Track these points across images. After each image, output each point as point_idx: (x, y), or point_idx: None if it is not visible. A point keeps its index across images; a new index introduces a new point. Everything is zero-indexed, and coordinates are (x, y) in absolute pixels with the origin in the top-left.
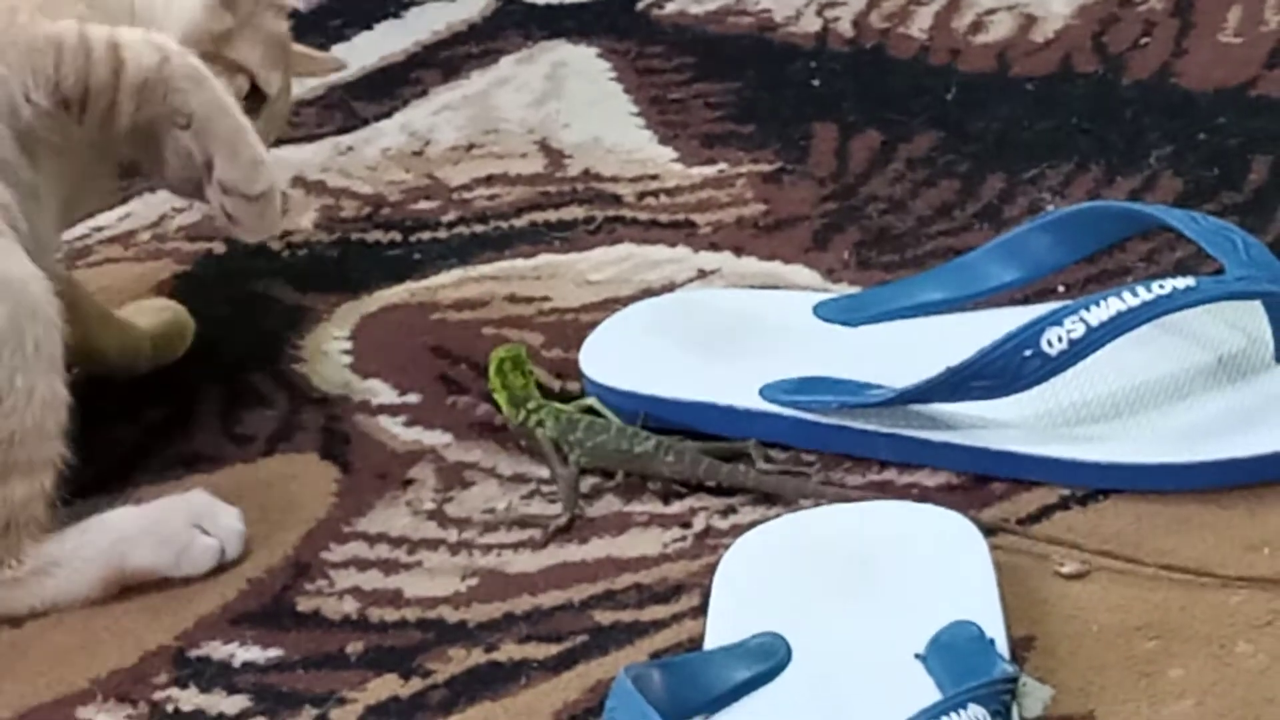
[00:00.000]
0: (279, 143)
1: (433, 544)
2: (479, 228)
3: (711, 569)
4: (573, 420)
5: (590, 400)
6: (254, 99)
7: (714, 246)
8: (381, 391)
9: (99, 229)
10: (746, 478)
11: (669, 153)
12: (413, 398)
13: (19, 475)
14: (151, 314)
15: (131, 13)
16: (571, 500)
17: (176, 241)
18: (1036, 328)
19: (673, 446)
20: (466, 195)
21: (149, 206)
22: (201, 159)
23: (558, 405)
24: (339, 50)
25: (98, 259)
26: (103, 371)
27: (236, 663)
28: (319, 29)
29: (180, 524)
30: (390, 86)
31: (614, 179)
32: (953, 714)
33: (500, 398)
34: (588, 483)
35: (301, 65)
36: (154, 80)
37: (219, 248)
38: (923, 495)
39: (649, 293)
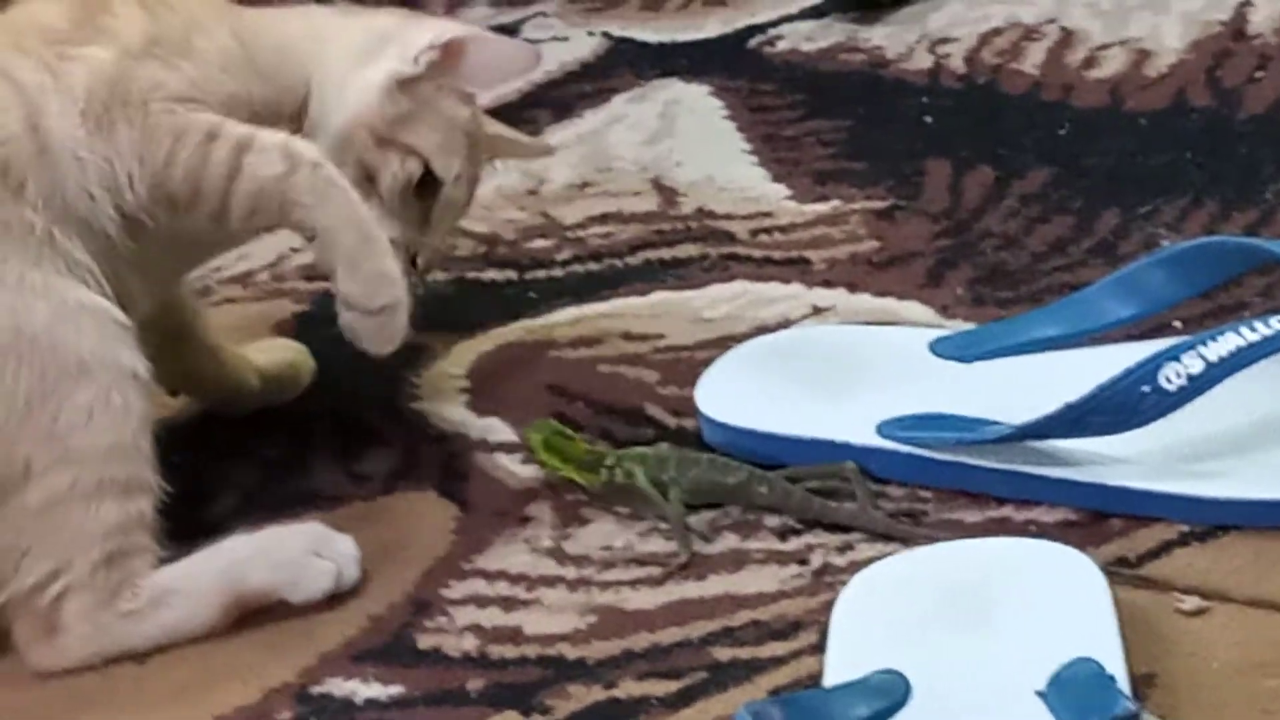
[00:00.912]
0: None
1: (551, 581)
2: (594, 266)
3: (829, 606)
4: (661, 459)
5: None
6: (429, 184)
7: (828, 283)
8: (499, 429)
9: (217, 269)
10: (839, 512)
11: (782, 190)
12: None
13: (112, 497)
14: (270, 353)
15: (307, 93)
16: (686, 540)
17: (294, 281)
18: (1154, 363)
19: (765, 477)
20: (581, 233)
21: (266, 247)
22: (325, 270)
23: (638, 450)
24: None
25: (217, 299)
26: (208, 404)
27: (359, 699)
28: None
29: (296, 548)
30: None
31: (727, 216)
32: None
33: (569, 470)
34: (704, 519)
35: (505, 149)
36: (271, 191)
37: None
38: (1041, 532)
39: (763, 330)
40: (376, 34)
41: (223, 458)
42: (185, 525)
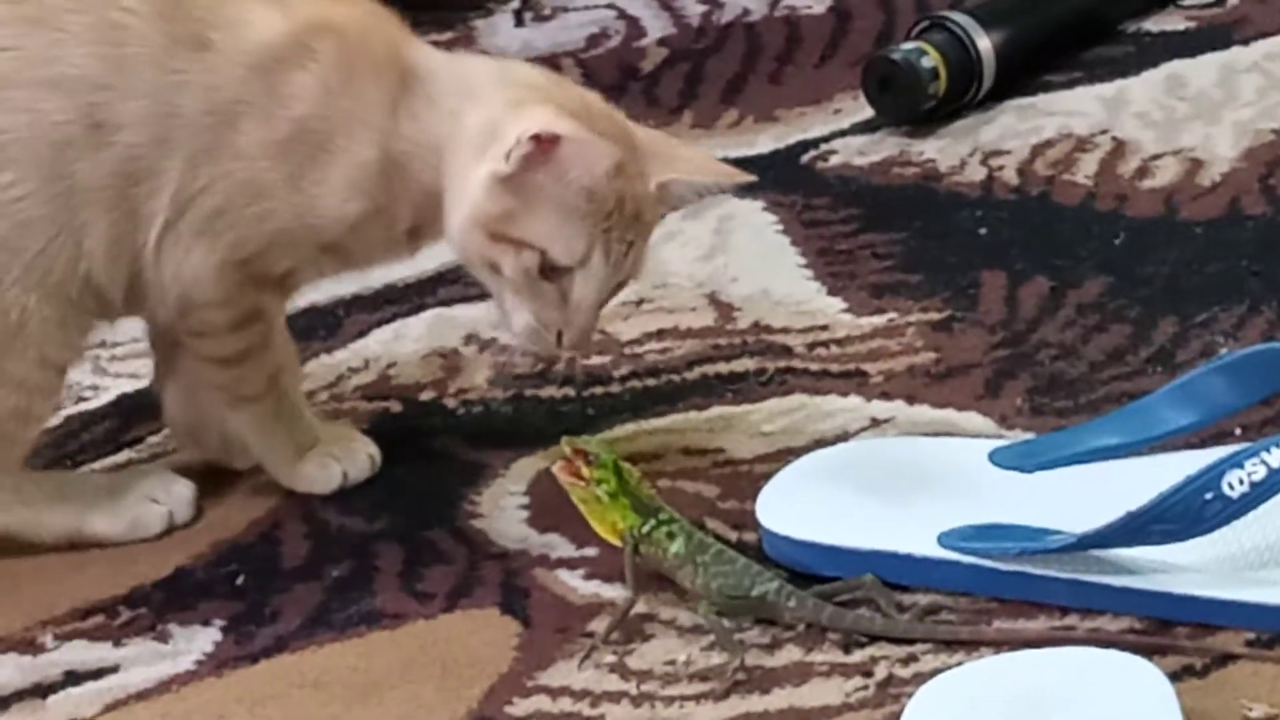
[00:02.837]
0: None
1: (615, 697)
2: (651, 381)
3: (895, 718)
4: (704, 543)
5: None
6: (552, 270)
7: (886, 395)
8: (559, 545)
9: None
10: (873, 624)
11: (838, 303)
12: (590, 551)
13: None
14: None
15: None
16: (731, 641)
17: (354, 401)
18: (1217, 470)
19: (794, 592)
20: (638, 350)
21: (325, 368)
22: None
23: (690, 525)
24: None
25: None
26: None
27: None
28: None
29: (134, 495)
30: None
31: (784, 330)
32: None
33: (622, 501)
34: (768, 633)
35: (696, 187)
36: (229, 396)
37: (395, 407)
38: (1106, 641)
39: (822, 443)
40: (490, 126)
41: (288, 578)
42: (252, 644)
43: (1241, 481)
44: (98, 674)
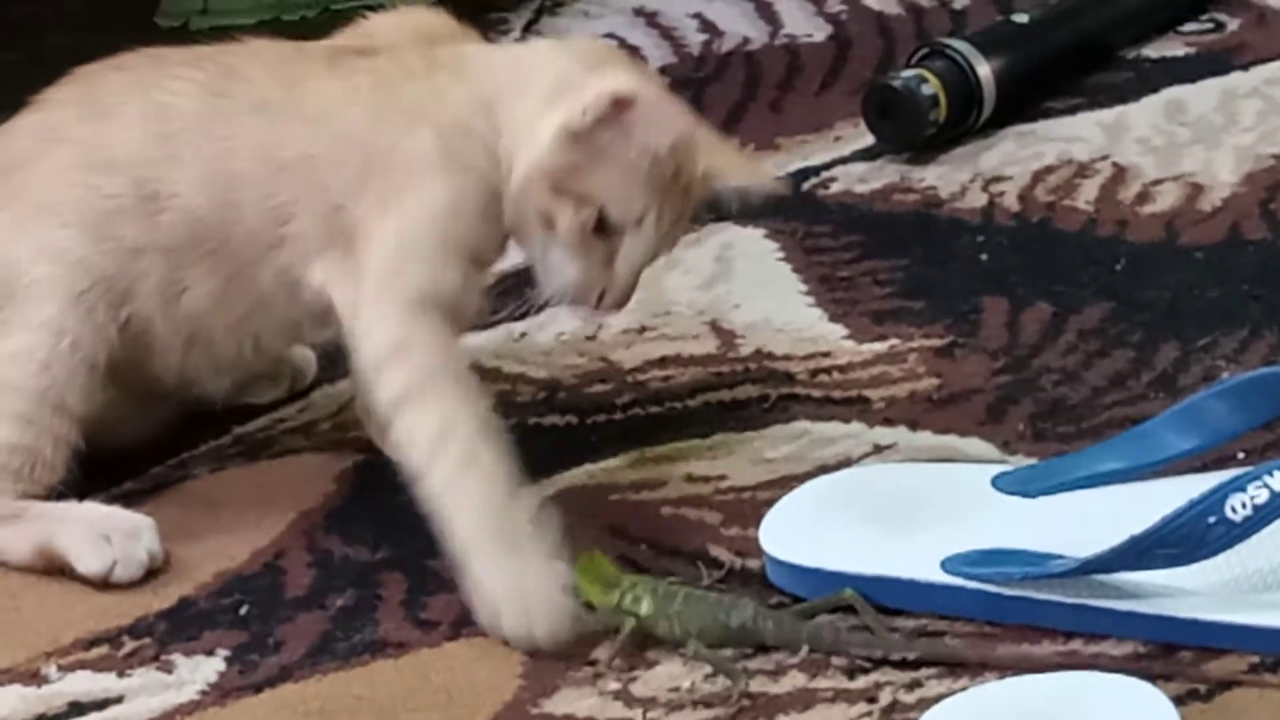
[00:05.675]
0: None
1: None
2: (654, 409)
3: None
4: (669, 594)
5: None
6: (605, 229)
7: (888, 421)
8: (563, 573)
9: (280, 420)
10: (852, 641)
11: (840, 330)
12: None
13: (9, 421)
14: None
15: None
16: (730, 667)
17: (357, 430)
18: (1220, 494)
19: (771, 614)
20: (640, 377)
21: (328, 398)
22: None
23: (653, 581)
24: None
25: (279, 450)
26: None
27: None
28: None
29: (95, 530)
30: None
31: (786, 357)
32: None
33: (592, 588)
34: (772, 659)
35: (728, 174)
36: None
37: None
38: (1110, 665)
39: (825, 469)
40: (562, 80)
41: (292, 607)
42: (256, 674)
43: (1245, 505)
44: (102, 705)
